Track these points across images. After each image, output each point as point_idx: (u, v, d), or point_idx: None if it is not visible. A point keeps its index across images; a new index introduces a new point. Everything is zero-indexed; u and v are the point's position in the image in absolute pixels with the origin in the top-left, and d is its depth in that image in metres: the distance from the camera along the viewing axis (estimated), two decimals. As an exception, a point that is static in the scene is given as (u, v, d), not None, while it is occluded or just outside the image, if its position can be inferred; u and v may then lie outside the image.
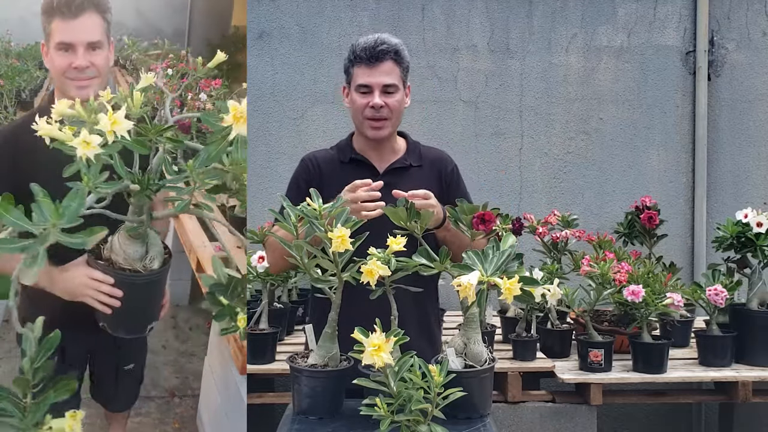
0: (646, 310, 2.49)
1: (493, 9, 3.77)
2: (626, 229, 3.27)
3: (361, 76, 1.95)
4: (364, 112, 1.96)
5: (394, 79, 1.95)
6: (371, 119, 1.96)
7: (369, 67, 1.94)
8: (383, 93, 1.94)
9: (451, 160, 2.13)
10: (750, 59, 3.76)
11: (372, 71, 1.93)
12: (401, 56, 1.97)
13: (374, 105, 1.93)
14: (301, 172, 2.07)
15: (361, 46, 1.95)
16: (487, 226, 1.66)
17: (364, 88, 1.95)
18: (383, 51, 1.93)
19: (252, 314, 2.67)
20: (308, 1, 3.75)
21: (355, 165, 2.03)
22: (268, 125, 3.75)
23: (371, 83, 1.94)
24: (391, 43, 1.95)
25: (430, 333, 2.03)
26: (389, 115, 1.96)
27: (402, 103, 1.99)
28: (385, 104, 1.94)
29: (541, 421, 2.59)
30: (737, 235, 2.68)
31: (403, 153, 2.06)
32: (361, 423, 1.45)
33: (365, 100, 1.95)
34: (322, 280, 1.55)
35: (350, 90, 2.02)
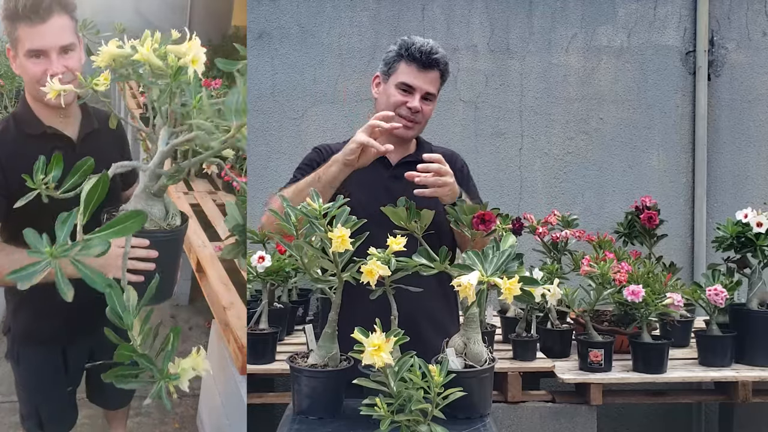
0: (646, 310, 2.49)
1: (493, 9, 3.77)
2: (626, 229, 3.27)
3: (407, 74, 1.94)
4: (400, 109, 1.94)
5: (435, 88, 1.97)
6: (405, 118, 1.95)
7: (419, 69, 1.93)
8: (422, 99, 1.95)
9: (460, 158, 2.14)
10: (750, 59, 3.76)
11: (420, 74, 1.93)
12: (447, 70, 2.00)
13: (412, 107, 1.94)
14: (315, 156, 2.07)
15: (418, 46, 1.94)
16: (487, 226, 1.66)
17: (407, 87, 1.94)
18: (437, 60, 1.94)
19: (252, 314, 2.67)
20: (308, 1, 3.75)
21: None
22: (268, 125, 3.75)
23: (417, 86, 1.94)
24: (443, 54, 1.97)
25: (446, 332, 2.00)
26: (421, 120, 1.98)
27: (432, 112, 2.02)
28: (421, 110, 1.95)
29: (541, 421, 2.59)
30: (737, 235, 2.67)
31: (413, 149, 2.08)
32: (362, 423, 1.45)
33: (404, 98, 1.94)
34: (322, 280, 1.55)
35: (386, 82, 1.99)
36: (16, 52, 1.92)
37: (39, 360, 2.21)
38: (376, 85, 2.03)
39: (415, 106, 1.93)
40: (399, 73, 1.95)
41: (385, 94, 1.98)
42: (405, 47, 1.95)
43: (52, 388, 2.25)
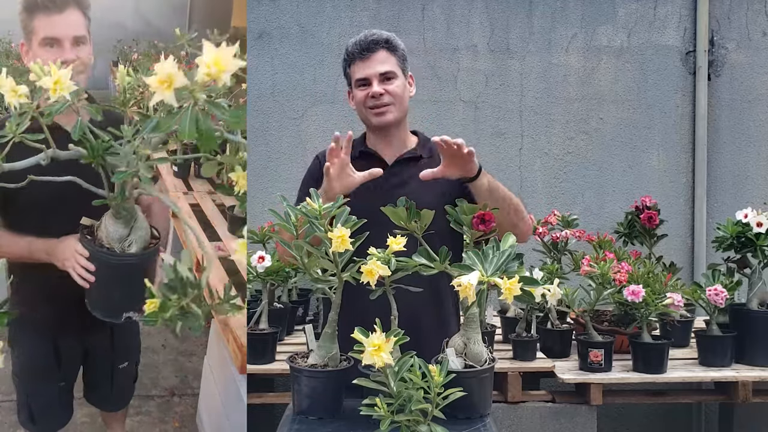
0: (646, 310, 2.49)
1: (493, 9, 3.77)
2: (626, 229, 3.27)
3: (357, 71, 1.95)
4: (366, 102, 1.94)
5: (390, 66, 1.93)
6: (372, 108, 1.95)
7: (363, 60, 1.93)
8: (382, 81, 1.92)
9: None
10: (750, 59, 3.76)
11: (366, 63, 1.93)
12: (393, 45, 1.95)
13: (374, 94, 1.92)
14: (313, 170, 2.08)
15: (352, 43, 1.96)
16: (486, 225, 1.65)
17: (362, 81, 1.94)
18: (374, 41, 1.92)
19: (252, 314, 2.67)
20: (308, 1, 3.75)
21: (364, 158, 2.00)
22: (268, 125, 3.75)
23: (368, 74, 1.93)
24: (382, 34, 1.95)
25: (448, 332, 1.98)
26: (391, 100, 1.94)
27: (404, 89, 1.97)
28: (385, 91, 1.92)
29: (541, 421, 2.59)
30: (737, 235, 2.67)
31: (414, 146, 2.05)
32: (362, 423, 1.45)
33: (365, 91, 1.94)
34: (322, 280, 1.55)
35: (352, 90, 2.01)
36: (30, 45, 2.01)
37: (31, 347, 2.24)
38: (352, 99, 2.04)
39: (375, 90, 1.91)
40: (353, 75, 1.97)
41: (354, 99, 2.00)
42: (345, 51, 1.98)
43: (42, 378, 2.28)
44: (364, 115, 1.99)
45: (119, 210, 1.71)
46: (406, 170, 1.97)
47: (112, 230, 1.75)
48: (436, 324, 1.91)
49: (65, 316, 2.15)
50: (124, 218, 1.74)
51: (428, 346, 1.63)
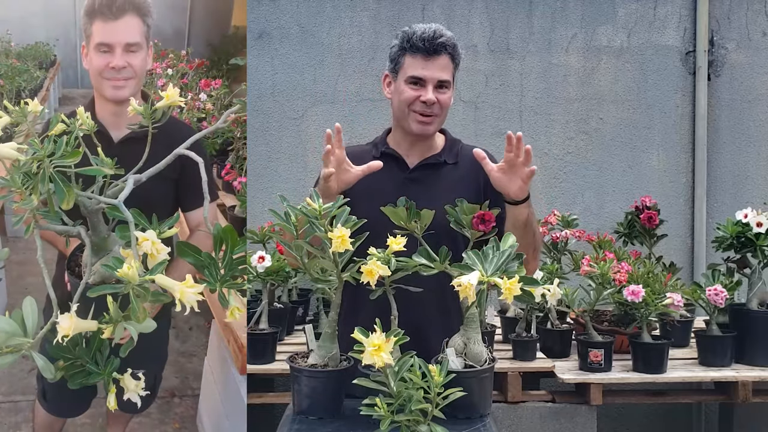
0: (646, 310, 2.49)
1: (493, 9, 3.77)
2: (626, 229, 3.27)
3: (414, 67, 1.80)
4: (413, 105, 1.82)
5: (448, 75, 1.83)
6: (420, 113, 1.82)
7: (425, 59, 1.79)
8: (436, 88, 1.81)
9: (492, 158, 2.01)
10: (750, 59, 3.76)
11: (428, 64, 1.79)
12: (457, 52, 1.85)
13: (426, 100, 1.80)
14: None
15: (419, 35, 1.79)
16: (486, 225, 1.65)
17: (417, 80, 1.81)
18: (442, 44, 1.79)
19: (252, 314, 2.67)
20: (308, 1, 3.75)
21: (385, 159, 1.86)
22: (268, 125, 3.75)
23: (426, 77, 1.80)
24: (449, 36, 1.82)
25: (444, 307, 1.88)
26: (439, 112, 1.84)
27: (451, 100, 1.88)
28: (437, 101, 1.82)
29: (541, 421, 2.59)
30: (737, 235, 2.68)
31: (438, 150, 1.93)
32: (362, 423, 1.45)
33: (416, 93, 1.81)
34: (322, 280, 1.55)
35: (396, 79, 1.86)
36: (88, 48, 2.07)
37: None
38: (387, 85, 1.90)
39: (429, 98, 1.80)
40: (406, 67, 1.82)
41: (396, 93, 1.86)
42: (407, 38, 1.81)
43: None
44: (404, 114, 1.85)
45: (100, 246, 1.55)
46: (428, 176, 1.88)
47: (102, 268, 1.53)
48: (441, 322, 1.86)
49: None
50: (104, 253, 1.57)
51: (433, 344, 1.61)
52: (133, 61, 2.04)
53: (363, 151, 1.95)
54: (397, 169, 1.90)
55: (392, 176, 1.87)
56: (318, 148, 3.83)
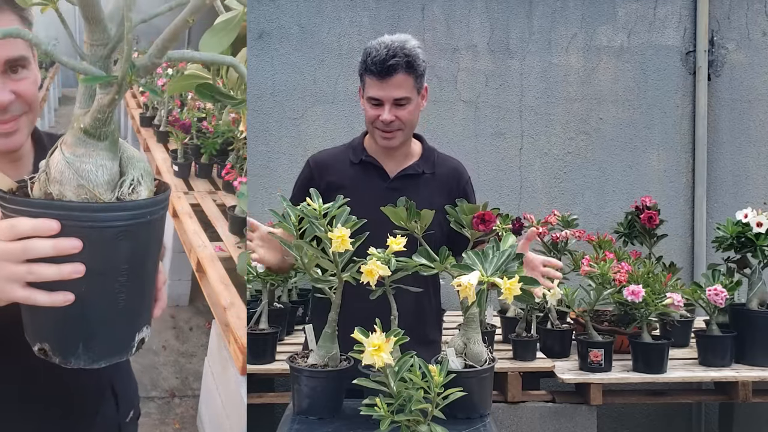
0: (646, 310, 2.49)
1: (493, 9, 3.77)
2: (626, 229, 3.27)
3: (371, 87, 1.88)
4: (375, 122, 1.90)
5: (405, 91, 1.87)
6: (382, 130, 1.90)
7: (379, 80, 1.85)
8: (394, 106, 1.87)
9: (465, 173, 2.07)
10: (750, 59, 3.76)
11: (382, 85, 1.86)
12: (414, 66, 1.87)
13: (383, 120, 1.87)
14: (306, 175, 2.02)
15: (372, 57, 1.86)
16: (487, 226, 1.66)
17: (375, 101, 1.88)
18: (393, 66, 1.84)
19: (252, 314, 2.67)
20: (308, 1, 3.75)
21: (364, 167, 1.97)
22: (268, 125, 3.75)
23: (382, 97, 1.87)
24: (403, 54, 1.85)
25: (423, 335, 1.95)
26: (401, 126, 1.90)
27: (415, 113, 1.93)
28: (396, 117, 1.87)
29: (541, 421, 2.59)
30: (737, 235, 2.68)
31: (416, 159, 2.00)
32: (362, 423, 1.45)
33: (376, 112, 1.88)
34: (322, 280, 1.55)
35: (362, 96, 1.94)
36: None
37: None
38: (362, 97, 1.96)
39: (385, 118, 1.86)
40: (367, 87, 1.89)
41: (364, 109, 1.94)
42: (363, 59, 1.89)
43: None
44: (371, 130, 1.95)
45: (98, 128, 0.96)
46: (407, 185, 1.94)
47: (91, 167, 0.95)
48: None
49: None
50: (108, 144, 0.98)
51: None
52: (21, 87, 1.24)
53: (337, 154, 2.03)
54: (378, 177, 1.96)
55: (373, 185, 1.94)
56: (318, 148, 3.81)
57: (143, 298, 1.07)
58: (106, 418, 1.50)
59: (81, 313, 0.97)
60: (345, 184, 1.92)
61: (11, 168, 1.30)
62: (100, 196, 0.95)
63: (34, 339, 1.03)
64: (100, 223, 0.94)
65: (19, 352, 1.08)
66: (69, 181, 0.95)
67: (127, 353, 1.06)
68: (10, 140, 1.25)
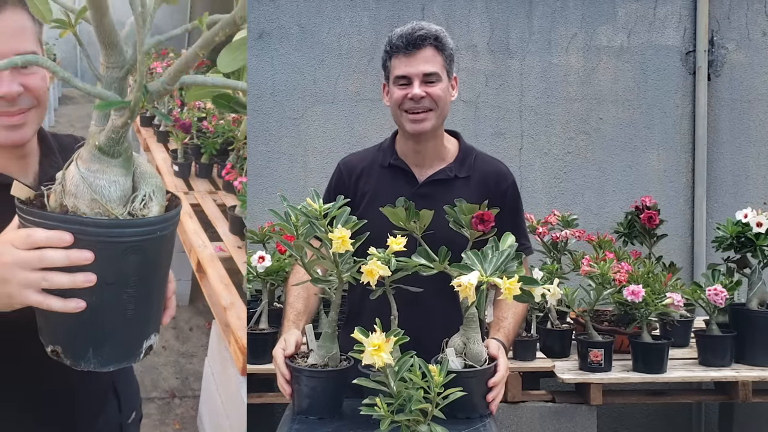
0: (646, 310, 2.49)
1: (493, 9, 3.77)
2: (626, 229, 3.27)
3: (399, 66, 1.75)
4: (403, 104, 1.75)
5: (435, 67, 1.75)
6: (411, 112, 1.76)
7: (407, 56, 1.74)
8: (424, 83, 1.74)
9: (509, 176, 1.89)
10: (750, 59, 3.76)
11: (410, 60, 1.74)
12: (443, 42, 1.78)
13: (413, 96, 1.73)
14: (335, 180, 1.91)
15: (398, 34, 1.75)
16: (486, 225, 1.65)
17: (403, 80, 1.75)
18: (422, 37, 1.73)
19: (252, 314, 2.68)
20: (308, 1, 3.75)
21: (393, 171, 1.84)
22: (268, 125, 3.75)
23: (410, 73, 1.74)
24: (431, 29, 1.76)
25: None
26: (432, 105, 1.75)
27: (447, 93, 1.79)
28: (427, 94, 1.74)
29: (541, 421, 2.59)
30: (737, 235, 2.68)
31: (450, 161, 1.85)
32: (362, 423, 1.45)
33: (404, 91, 1.75)
34: (322, 280, 1.55)
35: (389, 85, 1.81)
36: None
37: None
38: (386, 94, 1.85)
39: (416, 93, 1.73)
40: (393, 69, 1.77)
41: (390, 98, 1.81)
42: (389, 42, 1.78)
43: None
44: (398, 117, 1.80)
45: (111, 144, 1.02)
46: (437, 192, 1.81)
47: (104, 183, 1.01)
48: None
49: None
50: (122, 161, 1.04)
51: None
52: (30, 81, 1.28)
53: (368, 157, 1.91)
54: (405, 182, 1.83)
55: (400, 191, 1.76)
56: (318, 148, 3.84)
57: (151, 307, 1.14)
58: (108, 418, 1.53)
59: (92, 319, 1.04)
60: (372, 189, 1.83)
61: (17, 165, 1.35)
62: (112, 211, 1.02)
63: (47, 341, 1.11)
64: (111, 238, 1.01)
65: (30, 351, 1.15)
66: (83, 195, 1.02)
67: (135, 359, 1.13)
68: (18, 133, 1.28)
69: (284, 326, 1.78)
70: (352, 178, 1.87)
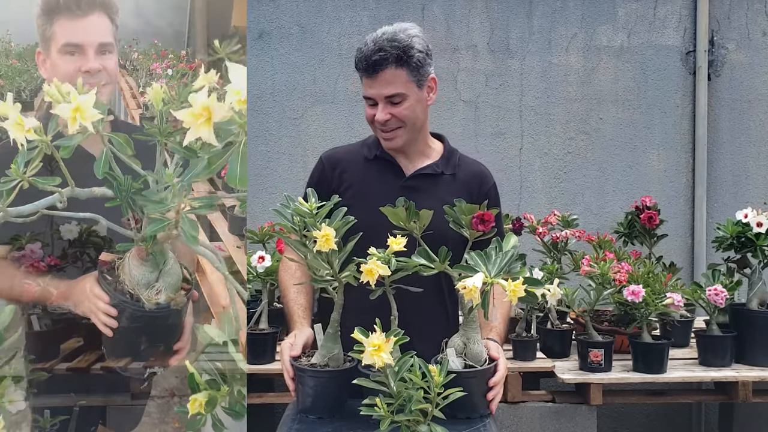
0: (646, 310, 2.49)
1: (493, 9, 3.77)
2: (626, 229, 3.26)
3: (365, 85, 1.78)
4: (373, 123, 1.80)
5: (397, 87, 1.74)
6: (381, 130, 1.80)
7: (369, 78, 1.75)
8: (388, 104, 1.75)
9: (490, 177, 1.93)
10: (750, 59, 3.76)
11: (373, 82, 1.75)
12: (404, 58, 1.72)
13: (376, 121, 1.77)
14: (317, 174, 1.93)
15: (359, 55, 1.76)
16: (486, 225, 1.65)
17: (370, 100, 1.78)
18: (378, 61, 1.71)
19: (252, 314, 2.67)
20: (308, 1, 3.75)
21: (380, 164, 1.86)
22: (268, 125, 3.74)
23: (373, 95, 1.76)
24: (391, 47, 1.72)
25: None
26: (399, 124, 1.77)
27: (415, 108, 1.78)
28: (392, 115, 1.76)
29: (541, 421, 2.58)
30: (737, 235, 2.67)
31: (436, 159, 1.88)
32: (362, 423, 1.45)
33: (371, 111, 1.78)
34: (322, 280, 1.55)
35: None
36: (47, 52, 1.82)
37: None
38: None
39: (378, 118, 1.75)
40: (363, 86, 1.79)
41: None
42: (355, 59, 1.78)
43: None
44: (374, 130, 1.85)
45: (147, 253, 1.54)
46: (424, 185, 1.84)
47: (138, 274, 1.57)
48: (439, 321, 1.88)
49: None
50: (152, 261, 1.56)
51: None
52: (107, 63, 1.80)
53: (351, 150, 1.93)
54: (393, 175, 1.85)
55: (388, 183, 1.82)
56: (318, 148, 3.82)
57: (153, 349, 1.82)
58: None
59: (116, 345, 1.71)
60: (358, 181, 1.84)
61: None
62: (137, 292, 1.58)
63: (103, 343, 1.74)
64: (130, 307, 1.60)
65: None
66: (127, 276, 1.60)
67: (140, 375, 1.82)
68: None
69: (293, 321, 1.82)
70: (336, 171, 1.88)
